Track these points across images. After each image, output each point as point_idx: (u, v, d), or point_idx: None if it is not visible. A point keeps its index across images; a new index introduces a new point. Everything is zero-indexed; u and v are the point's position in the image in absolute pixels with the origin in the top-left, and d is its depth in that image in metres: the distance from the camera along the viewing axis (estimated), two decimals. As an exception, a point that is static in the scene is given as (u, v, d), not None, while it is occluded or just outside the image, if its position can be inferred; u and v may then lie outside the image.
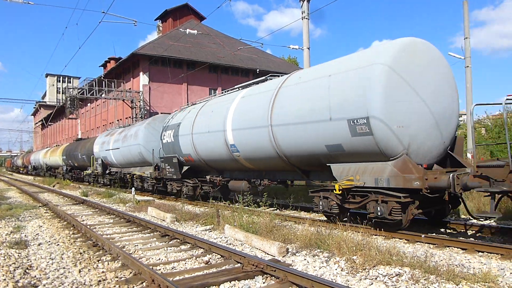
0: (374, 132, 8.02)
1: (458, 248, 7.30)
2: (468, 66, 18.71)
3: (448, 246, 7.43)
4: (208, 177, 15.51)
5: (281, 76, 12.32)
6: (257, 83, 13.50)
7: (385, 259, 6.17)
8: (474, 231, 8.80)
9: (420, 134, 8.24)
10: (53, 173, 44.07)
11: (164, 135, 17.52)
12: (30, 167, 57.40)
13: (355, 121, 8.29)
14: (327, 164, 9.54)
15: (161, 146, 17.80)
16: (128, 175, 22.34)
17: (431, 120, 8.40)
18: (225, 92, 15.65)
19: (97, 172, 26.76)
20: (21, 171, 68.20)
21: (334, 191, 8.98)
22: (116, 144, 22.91)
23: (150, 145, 19.02)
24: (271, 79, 12.83)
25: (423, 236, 7.90)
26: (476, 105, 7.51)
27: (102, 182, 26.88)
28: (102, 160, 25.75)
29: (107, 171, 25.63)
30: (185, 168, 16.41)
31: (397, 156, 8.08)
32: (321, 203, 9.69)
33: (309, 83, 9.96)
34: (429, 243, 7.71)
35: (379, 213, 8.20)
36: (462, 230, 8.97)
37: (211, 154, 14.29)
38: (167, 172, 17.06)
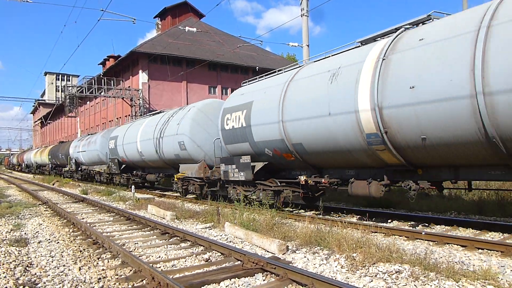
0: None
1: (458, 245, 7.31)
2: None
3: (448, 243, 7.44)
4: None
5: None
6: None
7: (385, 256, 6.18)
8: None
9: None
10: (41, 170, 50.77)
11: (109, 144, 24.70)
12: (23, 165, 64.72)
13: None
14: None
15: (107, 151, 25.08)
16: (92, 171, 29.14)
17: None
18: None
19: (72, 169, 33.84)
20: (16, 169, 74.70)
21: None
22: (83, 148, 29.86)
23: (104, 149, 25.91)
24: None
25: (423, 233, 7.91)
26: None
27: (76, 177, 33.44)
28: (75, 159, 32.73)
29: (79, 168, 32.58)
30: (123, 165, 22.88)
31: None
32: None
33: None
34: (428, 240, 7.72)
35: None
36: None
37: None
38: (112, 169, 23.90)
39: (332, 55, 10.34)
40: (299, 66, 11.34)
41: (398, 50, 7.92)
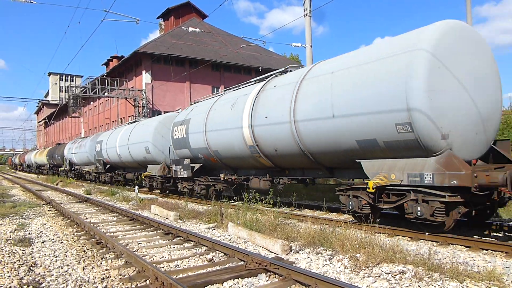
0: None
1: (462, 246, 7.27)
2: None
3: (451, 244, 7.40)
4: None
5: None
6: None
7: (388, 256, 6.16)
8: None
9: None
10: (41, 170, 54.26)
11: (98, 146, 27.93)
12: (25, 165, 69.41)
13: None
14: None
15: (95, 153, 28.95)
16: (83, 170, 33.36)
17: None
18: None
19: (67, 169, 37.66)
20: (18, 169, 79.33)
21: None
22: (76, 150, 34.05)
23: (92, 152, 29.52)
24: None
25: (427, 233, 7.88)
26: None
27: (70, 176, 36.43)
28: (69, 160, 36.53)
29: (72, 168, 36.42)
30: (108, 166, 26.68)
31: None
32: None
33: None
34: (432, 241, 7.69)
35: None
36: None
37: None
38: (99, 169, 27.63)
39: (238, 88, 14.49)
40: (220, 95, 15.36)
41: (264, 90, 11.90)
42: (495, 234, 8.23)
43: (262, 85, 12.21)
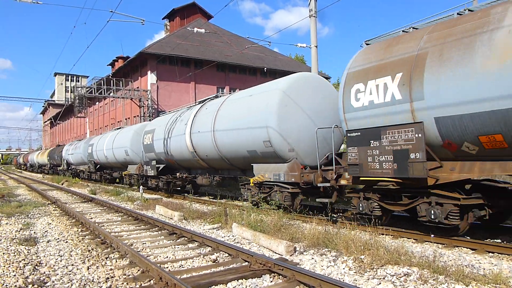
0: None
1: (467, 248, 7.23)
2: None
3: (457, 246, 7.36)
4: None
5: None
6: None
7: (393, 258, 6.13)
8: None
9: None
10: (42, 169, 58.99)
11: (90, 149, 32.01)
12: (28, 165, 75.13)
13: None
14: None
15: (87, 154, 32.90)
16: (77, 169, 37.36)
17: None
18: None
19: (64, 168, 42.17)
20: (22, 168, 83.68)
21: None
22: (72, 151, 38.69)
23: (85, 153, 33.27)
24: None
25: (432, 236, 7.84)
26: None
27: (67, 174, 40.65)
28: (66, 160, 41.03)
29: (69, 167, 40.72)
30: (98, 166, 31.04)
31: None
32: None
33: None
34: (438, 243, 7.65)
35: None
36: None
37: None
38: (91, 169, 31.73)
39: (188, 107, 18.63)
40: (177, 111, 19.55)
41: (200, 111, 15.65)
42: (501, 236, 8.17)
43: (199, 107, 16.27)
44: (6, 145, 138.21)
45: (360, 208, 9.03)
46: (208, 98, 16.86)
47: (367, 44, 9.35)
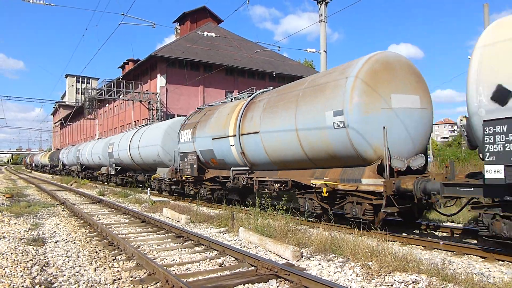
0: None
1: (477, 256, 7.13)
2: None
3: (466, 254, 7.26)
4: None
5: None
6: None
7: (401, 265, 6.07)
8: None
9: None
10: (44, 169, 67.77)
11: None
12: (33, 165, 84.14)
13: None
14: None
15: (78, 156, 39.58)
16: (70, 169, 44.85)
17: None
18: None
19: (60, 168, 50.88)
20: (28, 168, 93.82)
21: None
22: (66, 155, 46.16)
23: (76, 156, 39.07)
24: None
25: (441, 243, 7.75)
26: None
27: (63, 173, 49.17)
28: (62, 162, 48.83)
29: (64, 168, 48.83)
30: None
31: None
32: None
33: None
34: (446, 250, 7.56)
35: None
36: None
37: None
38: (79, 169, 38.78)
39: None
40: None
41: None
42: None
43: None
44: (17, 145, 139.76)
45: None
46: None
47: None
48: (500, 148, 6.14)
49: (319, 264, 6.77)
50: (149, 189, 18.42)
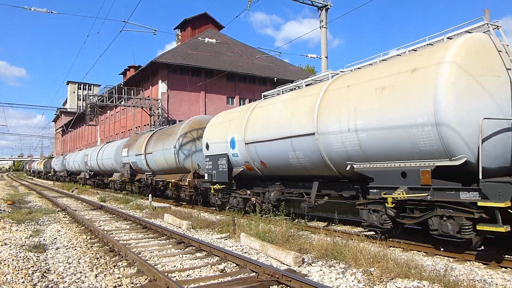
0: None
1: (479, 262, 7.09)
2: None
3: (468, 260, 7.23)
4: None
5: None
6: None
7: (403, 271, 6.04)
8: None
9: None
10: (40, 175, 76.75)
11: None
12: (31, 171, 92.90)
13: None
14: None
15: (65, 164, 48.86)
16: (59, 175, 53.04)
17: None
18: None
19: (52, 174, 59.44)
20: (26, 174, 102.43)
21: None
22: (56, 163, 56.30)
23: (63, 164, 48.62)
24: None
25: (442, 249, 7.71)
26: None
27: (54, 178, 58.07)
28: (53, 168, 57.62)
29: (55, 173, 56.62)
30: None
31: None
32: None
33: None
34: (449, 257, 7.52)
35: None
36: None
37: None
38: (66, 174, 47.93)
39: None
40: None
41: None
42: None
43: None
44: (19, 152, 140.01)
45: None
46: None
47: None
48: None
49: (321, 270, 6.75)
50: (150, 195, 18.41)
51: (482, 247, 7.81)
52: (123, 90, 41.22)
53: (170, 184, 19.05)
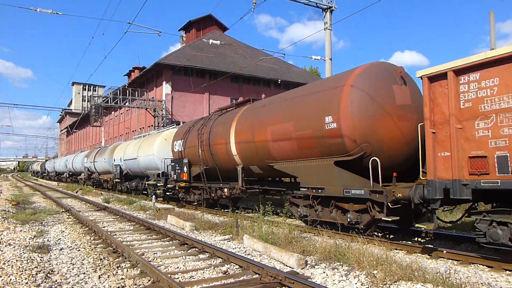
0: None
1: (483, 265, 7.05)
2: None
3: (473, 263, 7.19)
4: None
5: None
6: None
7: (406, 274, 6.01)
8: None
9: None
10: (37, 175, 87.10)
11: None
12: (33, 172, 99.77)
13: None
14: None
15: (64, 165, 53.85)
16: (52, 175, 62.36)
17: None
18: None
19: (46, 174, 70.40)
20: (31, 174, 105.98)
21: None
22: (49, 164, 68.18)
23: (55, 166, 59.80)
24: None
25: (445, 251, 7.67)
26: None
27: (47, 178, 68.33)
28: (47, 169, 68.58)
29: (49, 174, 65.78)
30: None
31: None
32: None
33: None
34: (452, 259, 7.48)
35: None
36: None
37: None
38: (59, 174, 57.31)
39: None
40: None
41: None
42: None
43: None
44: (24, 152, 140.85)
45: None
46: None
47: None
48: None
49: (324, 272, 6.73)
50: (153, 196, 18.46)
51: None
52: (128, 91, 41.37)
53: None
